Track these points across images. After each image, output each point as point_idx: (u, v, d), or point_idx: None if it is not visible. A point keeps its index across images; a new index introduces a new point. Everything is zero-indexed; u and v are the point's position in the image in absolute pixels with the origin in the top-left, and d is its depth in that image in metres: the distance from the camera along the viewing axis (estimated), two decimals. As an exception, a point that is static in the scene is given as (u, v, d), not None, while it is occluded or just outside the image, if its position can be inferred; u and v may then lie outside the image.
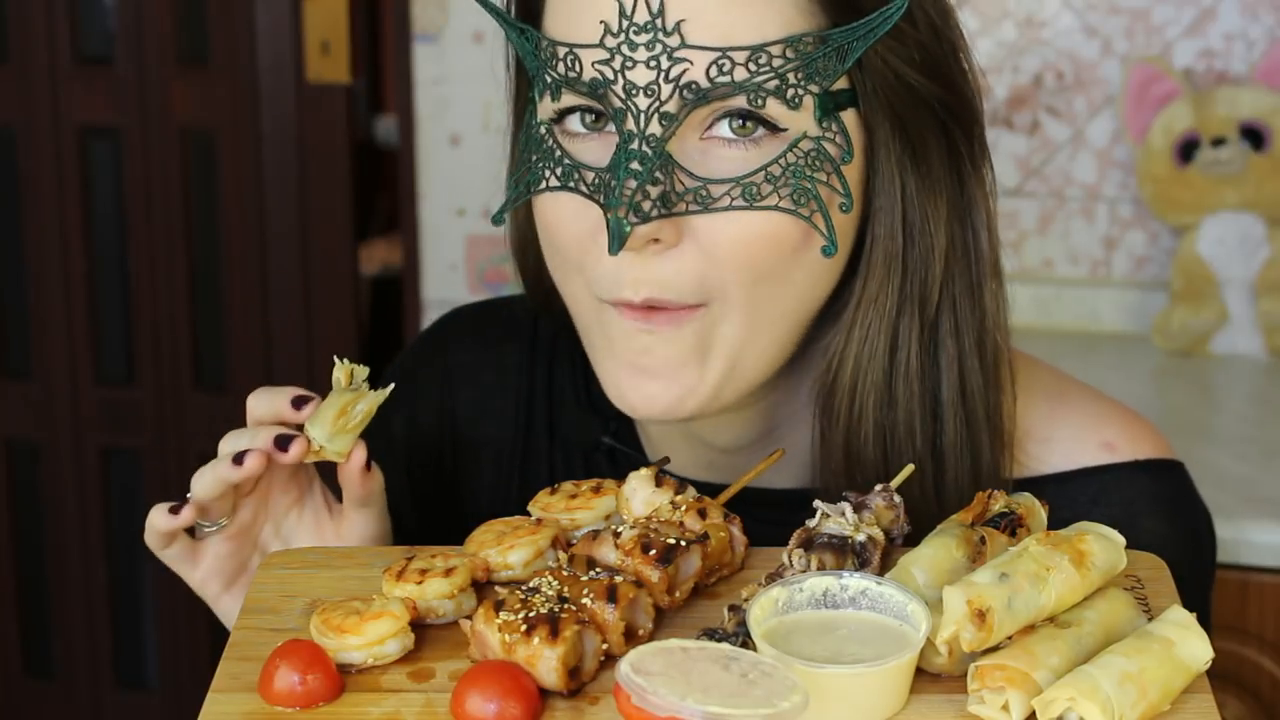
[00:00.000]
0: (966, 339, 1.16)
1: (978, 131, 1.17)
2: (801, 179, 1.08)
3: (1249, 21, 2.59)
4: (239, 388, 3.11)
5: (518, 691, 0.94)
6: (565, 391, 1.32)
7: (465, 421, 1.34)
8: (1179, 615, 0.98)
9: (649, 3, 1.06)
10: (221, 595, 1.19)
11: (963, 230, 1.16)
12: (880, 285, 1.14)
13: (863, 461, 1.16)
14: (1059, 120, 2.66)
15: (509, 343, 1.35)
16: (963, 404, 1.16)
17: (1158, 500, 1.22)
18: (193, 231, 3.11)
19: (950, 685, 0.97)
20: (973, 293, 1.16)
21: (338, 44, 3.02)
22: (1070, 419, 1.24)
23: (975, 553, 1.02)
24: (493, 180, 3.03)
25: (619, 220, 1.06)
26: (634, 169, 1.07)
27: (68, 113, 3.10)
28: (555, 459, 1.31)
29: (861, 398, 1.15)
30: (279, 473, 1.18)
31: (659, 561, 1.03)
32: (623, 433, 1.28)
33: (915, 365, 1.15)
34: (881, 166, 1.13)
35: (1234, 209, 2.55)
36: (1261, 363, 2.55)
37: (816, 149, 1.09)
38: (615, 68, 1.07)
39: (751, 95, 1.07)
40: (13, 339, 3.23)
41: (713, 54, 1.06)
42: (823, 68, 1.08)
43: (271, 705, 0.96)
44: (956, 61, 1.16)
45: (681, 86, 1.07)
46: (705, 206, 1.08)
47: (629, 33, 1.07)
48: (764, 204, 1.08)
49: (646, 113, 1.07)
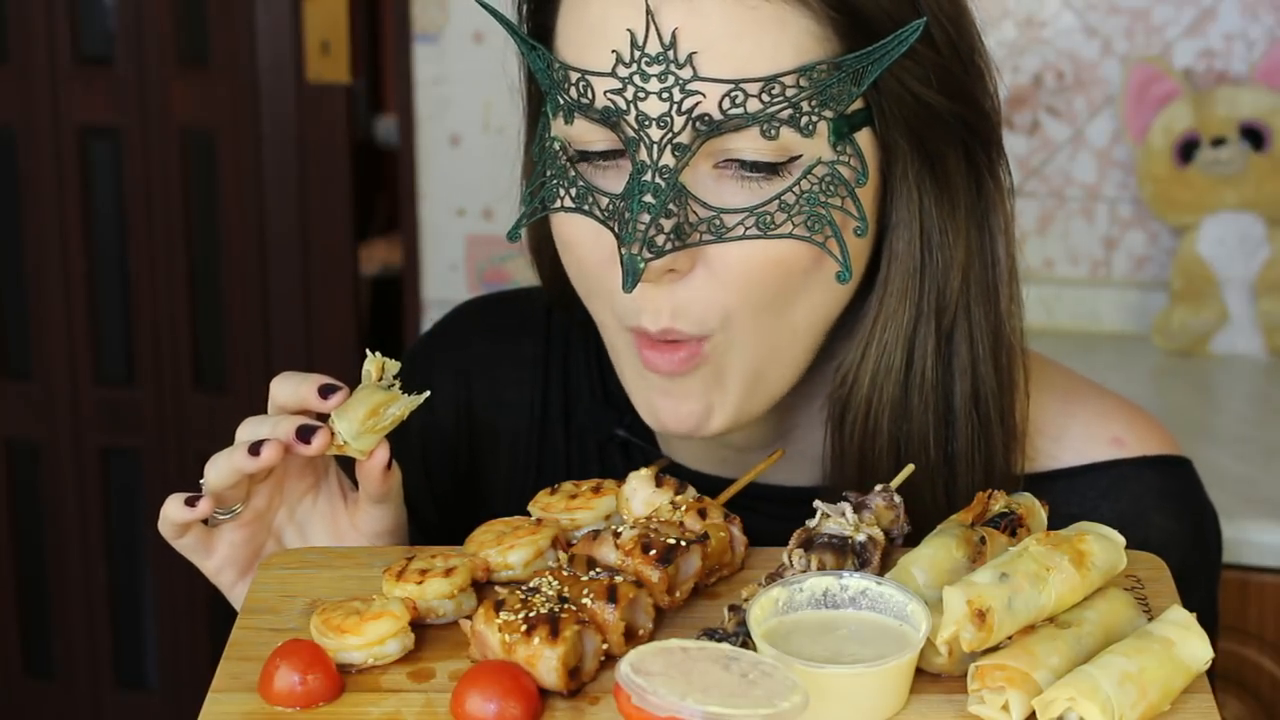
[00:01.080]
0: (981, 345, 1.16)
1: (996, 138, 1.17)
2: (815, 204, 1.08)
3: (1249, 21, 2.59)
4: (239, 388, 3.11)
5: (518, 691, 0.94)
6: (581, 384, 1.32)
7: (482, 413, 1.34)
8: (1179, 615, 0.98)
9: (661, 34, 1.06)
10: (237, 584, 1.18)
11: (980, 237, 1.16)
12: (899, 301, 1.14)
13: (876, 472, 1.16)
14: (1059, 120, 2.66)
15: (525, 335, 1.35)
16: (976, 408, 1.16)
17: (1166, 496, 1.23)
18: (193, 231, 3.11)
19: (950, 685, 0.97)
20: (989, 298, 1.16)
21: (338, 44, 3.01)
22: (1080, 415, 1.24)
23: (975, 553, 1.02)
24: (493, 180, 3.03)
25: (633, 257, 1.06)
26: (647, 202, 1.06)
27: (68, 113, 3.10)
28: (571, 451, 1.32)
29: (877, 412, 1.15)
30: (295, 459, 1.16)
31: (659, 561, 1.03)
32: (636, 426, 1.29)
33: (930, 376, 1.15)
34: (899, 183, 1.12)
35: (1234, 209, 2.55)
36: (1261, 363, 2.55)
37: (831, 173, 1.08)
38: (628, 98, 1.07)
39: (765, 125, 1.06)
40: (13, 339, 3.23)
41: (726, 86, 1.06)
42: (837, 93, 1.07)
43: (271, 705, 0.96)
44: (973, 74, 1.15)
45: (694, 118, 1.06)
46: (719, 236, 1.08)
47: (641, 63, 1.06)
48: (778, 232, 1.08)
49: (660, 144, 1.07)
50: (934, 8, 1.11)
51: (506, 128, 2.90)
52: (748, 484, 1.15)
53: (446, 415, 1.35)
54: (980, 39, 1.17)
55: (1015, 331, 1.18)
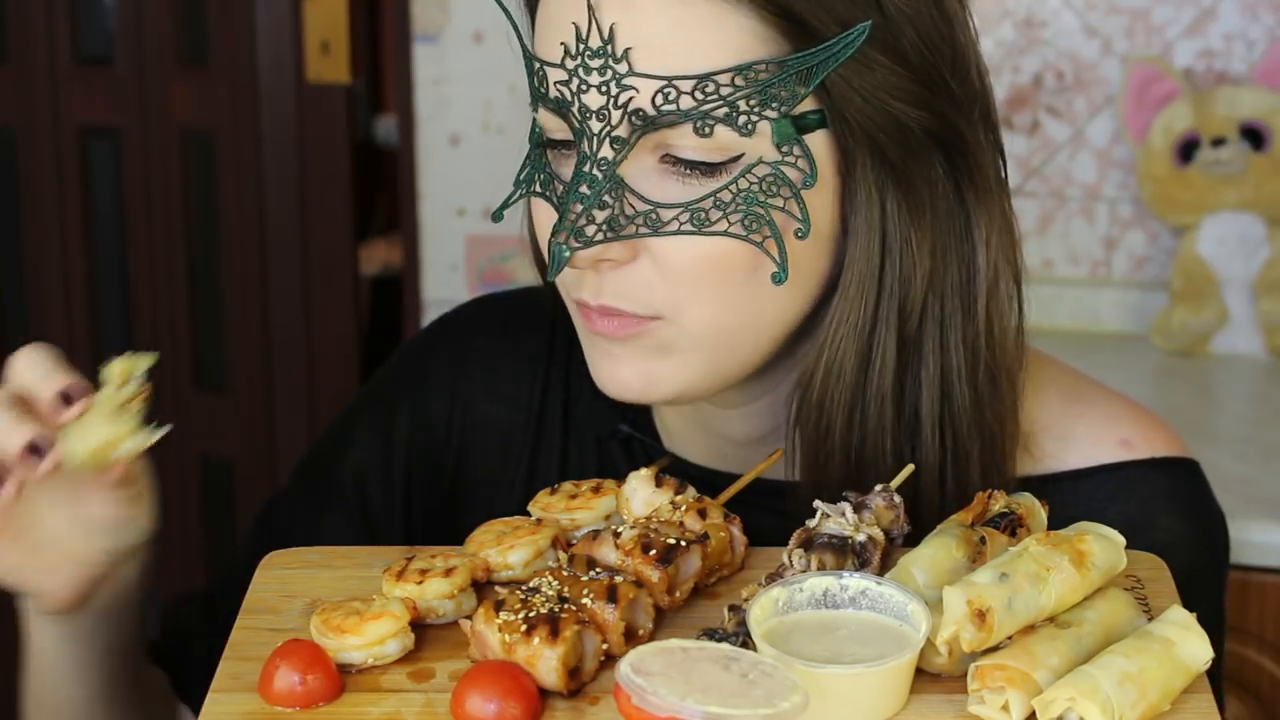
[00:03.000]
0: (955, 355, 1.15)
1: (975, 147, 1.15)
2: (754, 204, 1.08)
3: (1249, 21, 2.59)
4: (239, 388, 3.11)
5: (518, 691, 0.94)
6: (582, 381, 1.32)
7: (477, 405, 1.34)
8: (1179, 615, 0.98)
9: (601, 29, 1.07)
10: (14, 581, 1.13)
11: (959, 246, 1.15)
12: (853, 304, 1.13)
13: (828, 471, 1.15)
14: (1059, 120, 2.66)
15: (528, 331, 1.35)
16: (947, 421, 1.15)
17: (1174, 498, 1.22)
18: (193, 231, 3.11)
19: (950, 685, 0.97)
20: (966, 309, 1.15)
21: (338, 44, 3.02)
22: (1088, 417, 1.24)
23: (975, 553, 1.02)
24: (493, 180, 3.04)
25: (558, 245, 1.08)
26: (582, 193, 1.08)
27: (68, 113, 3.10)
28: (569, 447, 1.32)
29: (830, 413, 1.15)
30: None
31: (659, 561, 1.03)
32: (640, 422, 1.29)
33: (889, 383, 1.14)
34: (858, 188, 1.11)
35: (1234, 209, 2.55)
36: (1261, 363, 2.55)
37: (774, 174, 1.08)
38: (573, 89, 1.09)
39: (699, 122, 1.06)
40: (13, 339, 3.23)
41: (659, 82, 1.06)
42: (780, 93, 1.07)
43: (271, 705, 0.96)
44: (949, 89, 1.13)
45: (630, 113, 1.07)
46: (655, 230, 1.08)
47: (584, 56, 1.08)
48: (713, 229, 1.08)
49: (599, 136, 1.08)
50: (907, 20, 1.10)
51: (506, 128, 2.92)
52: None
53: (440, 405, 1.35)
54: (974, 56, 1.15)
55: (1003, 343, 1.16)
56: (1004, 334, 1.17)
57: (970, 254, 1.15)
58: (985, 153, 1.16)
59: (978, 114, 1.15)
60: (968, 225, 1.15)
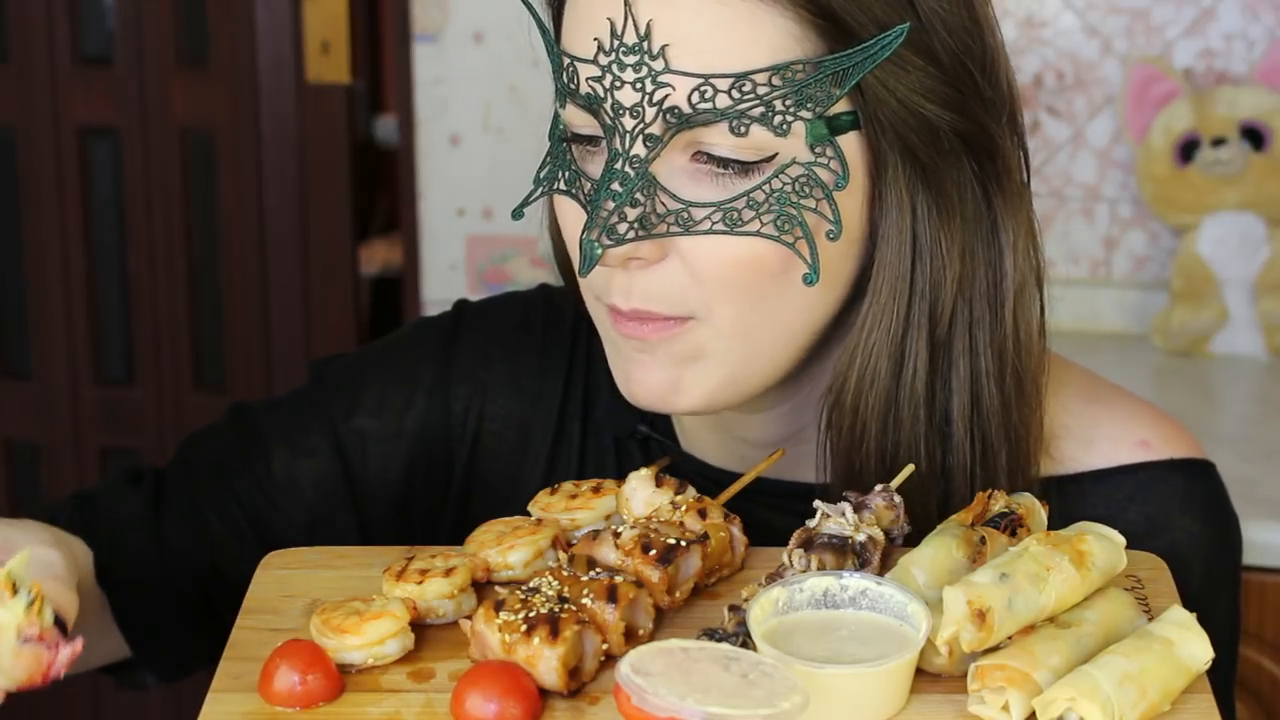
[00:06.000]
0: (984, 358, 1.15)
1: (1005, 151, 1.15)
2: (786, 204, 1.08)
3: (1249, 21, 2.59)
4: (239, 388, 3.12)
5: (518, 691, 0.94)
6: (602, 381, 1.32)
7: (498, 398, 1.33)
8: (1179, 615, 0.98)
9: (637, 25, 1.06)
10: None
11: (986, 249, 1.15)
12: (885, 308, 1.13)
13: (864, 475, 1.15)
14: (1059, 120, 2.66)
15: (552, 329, 1.35)
16: (976, 424, 1.15)
17: (1192, 499, 1.22)
18: (193, 231, 3.11)
19: (950, 685, 0.97)
20: (994, 312, 1.15)
21: (338, 44, 3.02)
22: (1106, 418, 1.24)
23: (975, 553, 1.02)
24: (493, 180, 3.04)
25: (590, 242, 1.07)
26: (614, 190, 1.07)
27: (67, 113, 3.10)
28: (586, 445, 1.31)
29: (864, 418, 1.15)
30: None
31: (659, 561, 1.03)
32: (658, 422, 1.29)
33: (922, 387, 1.14)
34: (889, 190, 1.11)
35: (1234, 209, 2.55)
36: (1261, 363, 2.55)
37: (807, 174, 1.08)
38: (606, 86, 1.08)
39: (734, 122, 1.06)
40: (12, 339, 3.23)
41: (695, 80, 1.06)
42: (815, 94, 1.07)
43: (271, 705, 0.96)
44: (981, 91, 1.13)
45: (665, 110, 1.07)
46: (686, 229, 1.08)
47: (619, 53, 1.07)
48: (745, 229, 1.07)
49: (632, 133, 1.07)
50: (940, 22, 1.10)
51: (506, 128, 2.92)
52: (751, 481, 1.15)
53: (462, 393, 1.34)
54: (1003, 59, 1.15)
55: (1029, 346, 1.16)
56: (1029, 337, 1.17)
57: (997, 257, 1.15)
58: (1013, 156, 1.16)
59: (1006, 118, 1.15)
60: (995, 229, 1.15)
